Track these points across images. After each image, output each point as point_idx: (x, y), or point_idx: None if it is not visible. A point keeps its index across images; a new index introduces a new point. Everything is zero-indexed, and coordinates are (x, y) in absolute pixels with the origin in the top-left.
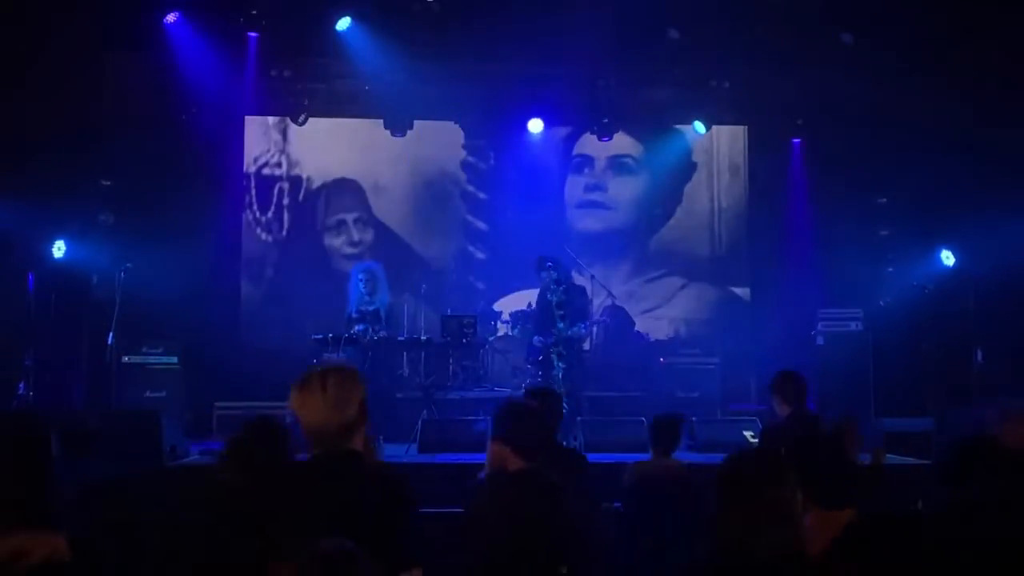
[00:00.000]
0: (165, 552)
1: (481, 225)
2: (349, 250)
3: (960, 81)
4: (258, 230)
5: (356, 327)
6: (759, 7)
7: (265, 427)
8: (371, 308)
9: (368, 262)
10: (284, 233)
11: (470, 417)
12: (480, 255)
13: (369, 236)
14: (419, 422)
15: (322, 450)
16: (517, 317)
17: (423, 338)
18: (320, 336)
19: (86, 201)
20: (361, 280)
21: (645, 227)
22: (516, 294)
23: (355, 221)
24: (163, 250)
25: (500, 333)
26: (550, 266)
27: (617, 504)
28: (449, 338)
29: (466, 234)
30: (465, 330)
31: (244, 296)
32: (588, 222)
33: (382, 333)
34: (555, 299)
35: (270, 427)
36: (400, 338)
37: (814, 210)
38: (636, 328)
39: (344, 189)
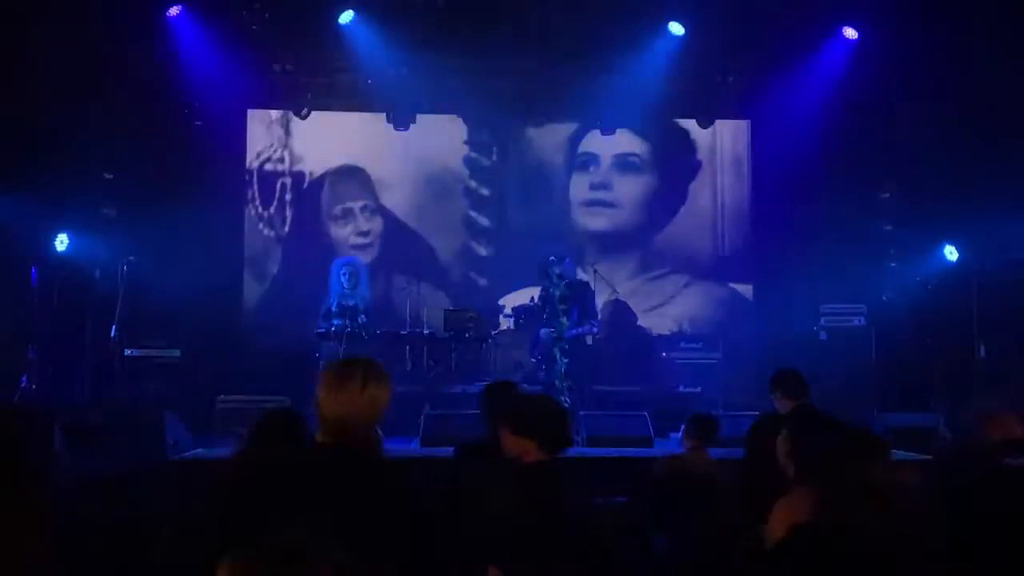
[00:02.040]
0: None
1: (484, 222)
2: (357, 240)
3: (963, 76)
4: (260, 225)
5: (334, 321)
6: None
7: (288, 418)
8: (351, 303)
9: (350, 256)
10: (287, 229)
11: (473, 411)
12: (483, 251)
13: (378, 225)
14: (422, 416)
15: (333, 440)
16: (520, 312)
17: (425, 332)
18: (323, 329)
19: (89, 195)
20: (345, 274)
21: (650, 225)
22: (519, 291)
23: (362, 209)
24: (166, 244)
25: (503, 328)
26: (553, 260)
27: (620, 499)
28: (452, 332)
29: (469, 230)
30: (468, 324)
31: (246, 290)
32: (593, 220)
33: (362, 319)
34: (557, 293)
35: (292, 418)
36: (402, 332)
37: (817, 205)
38: (639, 323)
39: (350, 177)
